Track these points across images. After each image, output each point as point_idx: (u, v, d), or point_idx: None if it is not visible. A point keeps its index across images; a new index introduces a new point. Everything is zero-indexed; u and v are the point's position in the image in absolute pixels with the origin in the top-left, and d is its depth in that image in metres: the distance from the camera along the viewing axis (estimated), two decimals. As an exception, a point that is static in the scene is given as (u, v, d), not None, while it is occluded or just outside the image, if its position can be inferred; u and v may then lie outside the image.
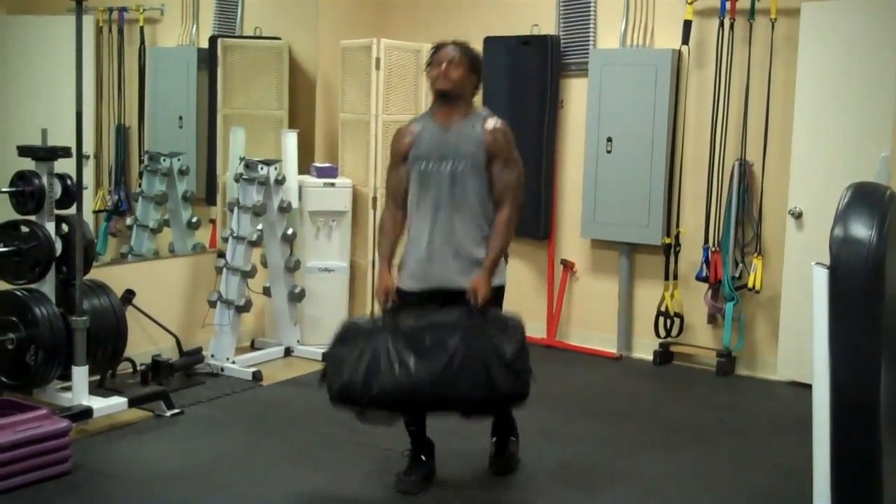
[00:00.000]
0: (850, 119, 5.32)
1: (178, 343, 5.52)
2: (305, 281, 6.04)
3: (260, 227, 5.66)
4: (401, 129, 3.96)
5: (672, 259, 5.97)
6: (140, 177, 5.85)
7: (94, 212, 5.69)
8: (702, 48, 5.85)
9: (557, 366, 6.02)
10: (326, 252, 6.18)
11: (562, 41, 6.30)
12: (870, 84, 5.23)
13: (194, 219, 6.01)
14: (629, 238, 6.10)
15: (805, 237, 5.44)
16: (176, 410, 4.76)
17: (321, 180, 6.18)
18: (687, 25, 5.76)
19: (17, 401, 4.15)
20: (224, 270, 5.57)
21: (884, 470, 2.00)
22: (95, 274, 4.79)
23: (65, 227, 4.52)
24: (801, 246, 5.44)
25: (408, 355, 3.55)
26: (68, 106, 4.34)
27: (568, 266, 6.41)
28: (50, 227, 4.43)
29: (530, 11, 6.42)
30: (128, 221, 5.82)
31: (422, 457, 3.94)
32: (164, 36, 6.02)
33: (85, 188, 4.49)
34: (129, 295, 5.19)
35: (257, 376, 5.41)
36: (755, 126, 5.68)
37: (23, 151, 4.43)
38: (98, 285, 4.71)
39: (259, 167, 5.61)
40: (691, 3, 5.73)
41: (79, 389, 4.38)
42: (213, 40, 6.15)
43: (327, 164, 6.31)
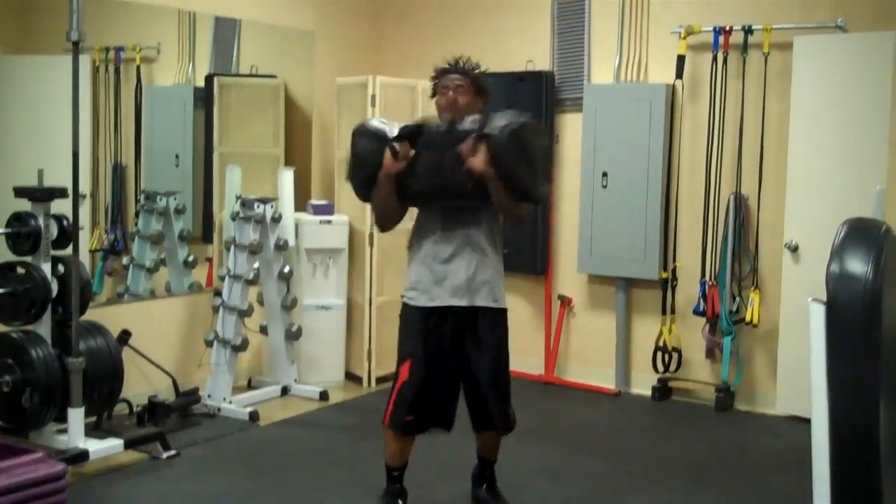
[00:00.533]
0: (845, 152, 5.34)
1: (175, 383, 5.49)
2: (302, 319, 6.02)
3: (256, 266, 5.66)
4: None
5: (669, 293, 5.97)
6: (136, 216, 5.85)
7: (91, 251, 5.68)
8: (696, 83, 5.89)
9: (556, 402, 5.99)
10: (323, 290, 6.17)
11: (556, 77, 6.34)
12: (864, 117, 5.25)
13: (191, 258, 6.00)
14: (626, 273, 6.10)
15: (802, 270, 5.44)
16: (172, 452, 4.73)
17: (318, 217, 6.18)
18: (681, 60, 5.79)
19: (12, 444, 4.11)
20: (221, 309, 5.55)
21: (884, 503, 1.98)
22: (92, 314, 4.77)
23: (61, 268, 4.51)
24: (798, 279, 5.44)
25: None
26: (65, 146, 4.34)
27: (565, 301, 6.40)
28: (46, 269, 4.42)
29: (525, 47, 6.46)
30: (124, 261, 5.80)
31: (399, 502, 3.90)
32: (161, 75, 6.04)
33: (81, 228, 4.48)
34: (125, 335, 5.17)
35: (254, 416, 5.37)
36: (750, 159, 5.70)
37: (19, 192, 4.43)
38: (94, 326, 4.70)
39: (255, 205, 5.62)
40: (685, 38, 5.77)
41: (75, 432, 4.35)
42: (210, 79, 6.18)
43: (324, 202, 6.32)
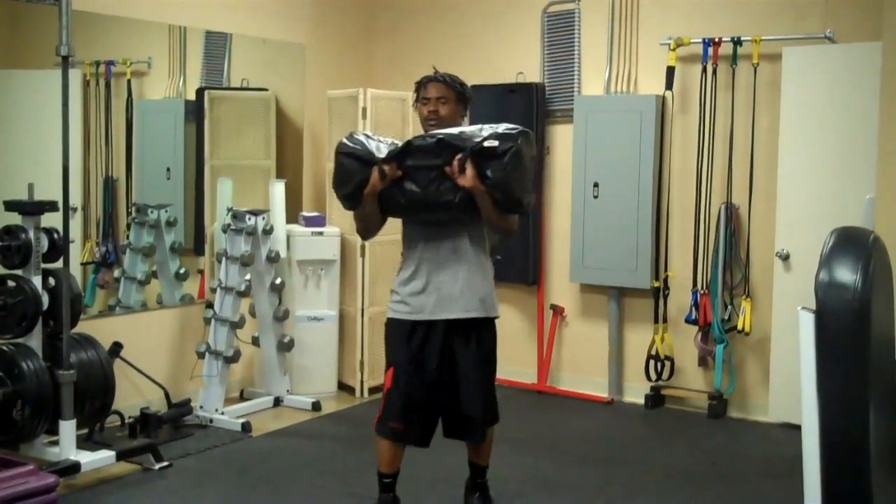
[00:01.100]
0: (835, 161, 5.37)
1: (167, 395, 5.48)
2: (294, 330, 6.02)
3: (248, 278, 5.65)
4: None
5: (661, 302, 5.98)
6: (128, 228, 5.84)
7: (82, 264, 5.67)
8: (686, 94, 5.91)
9: (548, 412, 6.00)
10: (315, 301, 6.17)
11: (547, 88, 6.36)
12: (853, 126, 5.27)
13: (182, 270, 5.99)
14: (618, 282, 6.11)
15: (793, 279, 5.45)
16: (164, 463, 4.72)
17: (309, 229, 6.18)
18: (670, 72, 5.82)
19: (4, 457, 4.10)
20: (212, 321, 5.55)
21: (875, 513, 1.99)
22: (83, 327, 4.77)
23: (52, 281, 4.51)
24: (790, 288, 5.45)
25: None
26: (55, 160, 4.34)
27: (557, 311, 6.41)
28: (37, 282, 4.42)
29: (515, 59, 6.48)
30: (115, 273, 5.79)
31: None
32: (152, 88, 6.04)
33: (72, 241, 4.48)
34: (117, 347, 5.16)
35: (246, 427, 5.36)
36: (740, 169, 5.72)
37: (9, 206, 4.43)
38: (85, 338, 4.70)
39: (247, 217, 5.62)
40: (674, 50, 5.79)
41: (66, 444, 4.34)
42: (201, 92, 6.18)
43: (315, 213, 6.32)
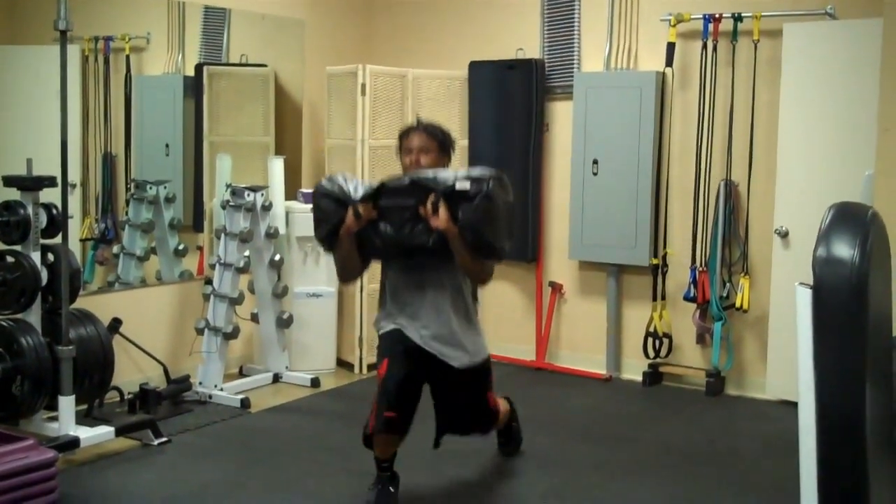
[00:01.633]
0: (835, 138, 5.36)
1: (166, 371, 5.49)
2: (293, 307, 6.02)
3: (247, 254, 5.65)
4: None
5: (660, 280, 5.98)
6: (127, 205, 5.84)
7: (81, 240, 5.66)
8: (686, 70, 5.89)
9: (546, 388, 6.01)
10: (314, 277, 6.17)
11: (546, 65, 6.33)
12: (853, 103, 5.25)
13: (181, 246, 5.99)
14: (617, 259, 6.11)
15: (791, 256, 5.46)
16: (163, 439, 4.74)
17: (308, 206, 6.15)
18: (670, 48, 5.79)
19: (3, 432, 4.11)
20: (211, 297, 5.55)
21: (871, 488, 2.00)
22: (82, 303, 4.77)
23: (50, 257, 4.51)
24: (788, 265, 5.46)
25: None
26: (54, 135, 4.32)
27: (556, 288, 6.41)
28: (35, 257, 4.42)
29: (515, 35, 6.45)
30: (115, 249, 5.79)
31: (390, 488, 3.92)
32: (150, 64, 6.02)
33: (71, 217, 4.47)
34: (116, 323, 5.17)
35: (245, 403, 5.38)
36: (740, 146, 5.71)
37: (8, 181, 4.43)
38: (84, 314, 4.70)
39: (246, 194, 5.61)
40: (674, 26, 5.77)
41: (65, 419, 4.35)
42: (199, 68, 6.16)
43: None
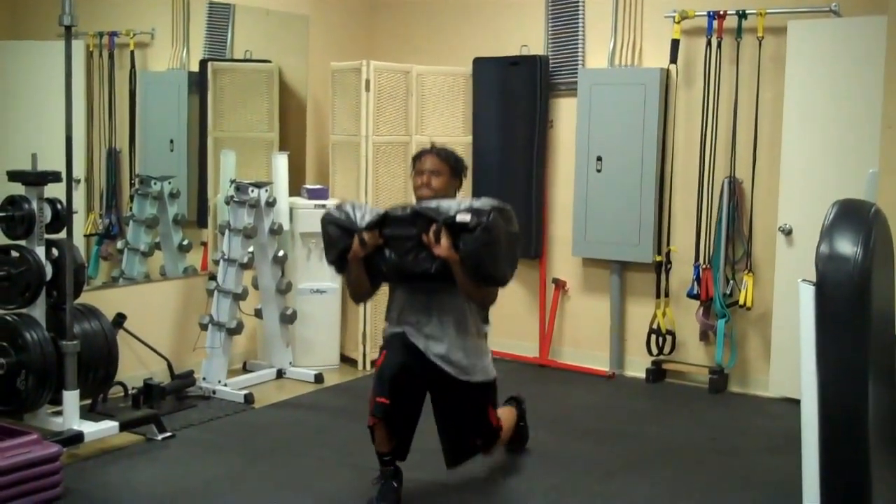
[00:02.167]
0: (838, 135, 5.35)
1: (170, 366, 5.50)
2: (297, 303, 6.03)
3: (251, 250, 5.66)
4: None
5: (663, 277, 5.98)
6: (131, 200, 5.85)
7: (86, 235, 5.68)
8: (690, 67, 5.89)
9: (550, 385, 6.02)
10: (318, 273, 6.17)
11: (551, 61, 6.33)
12: (857, 100, 5.25)
13: (185, 242, 6.00)
14: (620, 256, 6.11)
15: (795, 254, 5.45)
16: (167, 434, 4.75)
17: (312, 202, 6.18)
18: (675, 44, 5.79)
19: (8, 426, 4.13)
20: (215, 293, 5.56)
21: (872, 484, 2.00)
22: (86, 298, 4.78)
23: (55, 252, 4.51)
24: (792, 262, 5.45)
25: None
26: (59, 131, 4.34)
27: (560, 285, 6.41)
28: (40, 252, 4.42)
29: (519, 32, 6.45)
30: (119, 245, 5.80)
31: (393, 483, 3.93)
32: (155, 60, 6.03)
33: (75, 212, 4.48)
34: (120, 318, 5.18)
35: (249, 399, 5.39)
36: (744, 143, 5.71)
37: (13, 176, 4.43)
38: (89, 309, 4.70)
39: (250, 189, 5.62)
40: (679, 23, 5.76)
41: (70, 414, 4.36)
42: (204, 64, 6.17)
43: (318, 186, 6.32)
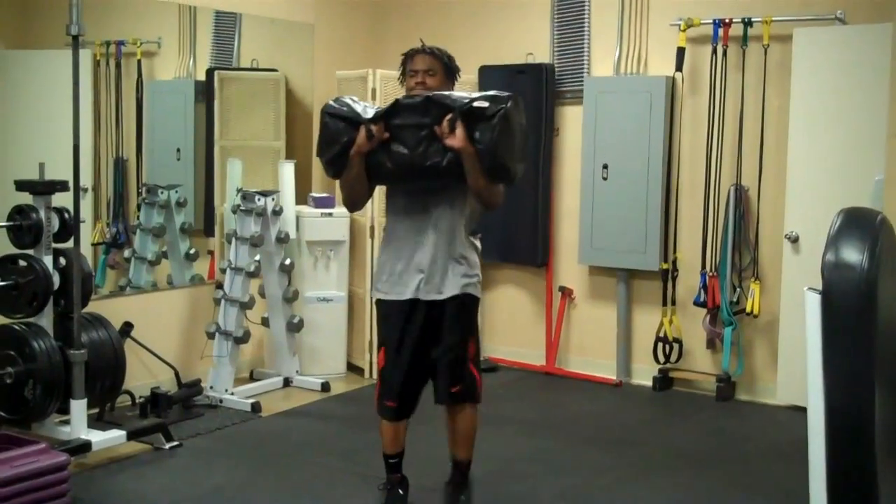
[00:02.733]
0: (845, 143, 5.35)
1: (177, 375, 5.51)
2: (304, 311, 6.04)
3: (258, 258, 5.67)
4: None
5: (670, 284, 5.98)
6: (138, 209, 5.86)
7: (93, 244, 5.69)
8: (696, 75, 5.89)
9: (557, 393, 6.01)
10: (324, 282, 6.18)
11: (556, 69, 6.34)
12: (863, 108, 5.25)
13: (192, 250, 6.01)
14: (627, 264, 6.11)
15: (802, 261, 5.44)
16: (175, 443, 4.75)
17: (318, 210, 6.19)
18: (680, 52, 5.80)
19: (15, 435, 4.14)
20: (222, 302, 5.57)
21: (880, 493, 1.99)
22: (93, 307, 4.79)
23: (62, 261, 4.53)
24: (798, 270, 5.45)
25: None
26: (66, 139, 4.35)
27: (566, 293, 6.41)
28: (47, 261, 4.44)
29: (525, 40, 6.46)
30: (126, 254, 5.82)
31: (400, 491, 3.91)
32: (162, 69, 6.05)
33: (83, 221, 4.50)
34: (128, 327, 5.19)
35: (256, 407, 5.39)
36: (750, 151, 5.71)
37: (20, 185, 4.45)
38: (96, 318, 4.72)
39: (256, 198, 5.63)
40: (684, 31, 5.77)
41: (77, 423, 4.37)
42: (210, 73, 6.19)
43: (324, 194, 6.33)
